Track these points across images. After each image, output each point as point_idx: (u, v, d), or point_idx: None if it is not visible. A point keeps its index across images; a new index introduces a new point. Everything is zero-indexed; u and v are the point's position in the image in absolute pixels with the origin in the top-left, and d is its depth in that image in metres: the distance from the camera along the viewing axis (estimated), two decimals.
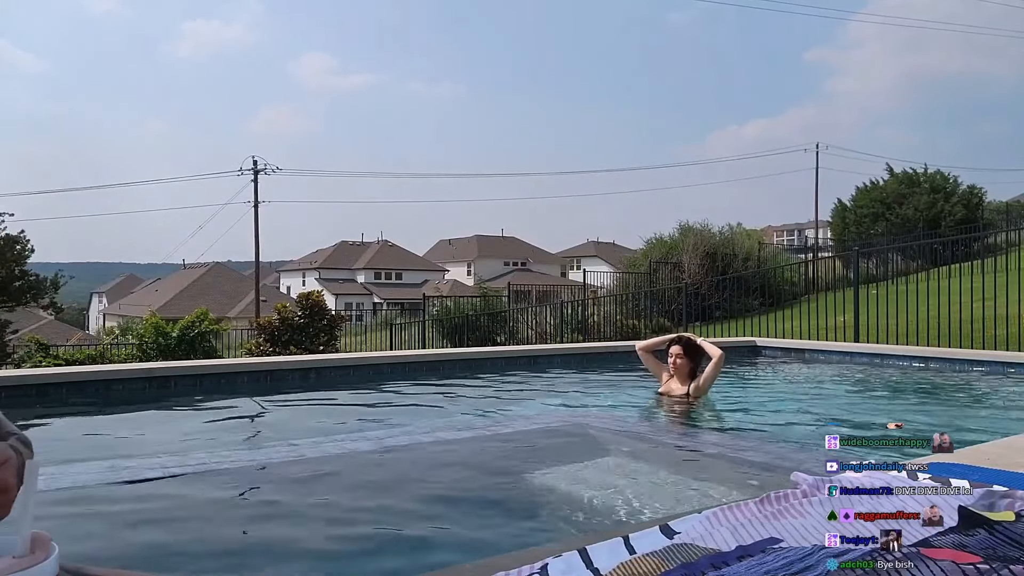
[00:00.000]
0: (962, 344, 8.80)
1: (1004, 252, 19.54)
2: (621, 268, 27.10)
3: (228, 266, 58.49)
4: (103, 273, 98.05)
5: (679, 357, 5.08)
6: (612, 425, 4.21)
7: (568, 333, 15.75)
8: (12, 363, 14.00)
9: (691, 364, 5.10)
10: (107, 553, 2.18)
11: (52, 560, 0.97)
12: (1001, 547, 1.48)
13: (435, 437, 3.96)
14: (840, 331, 10.61)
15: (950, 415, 5.40)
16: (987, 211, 30.95)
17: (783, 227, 63.25)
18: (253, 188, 31.12)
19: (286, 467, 3.29)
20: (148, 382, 5.88)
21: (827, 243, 36.17)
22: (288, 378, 6.64)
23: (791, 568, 1.42)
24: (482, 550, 1.90)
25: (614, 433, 4.02)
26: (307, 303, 13.78)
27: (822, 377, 7.84)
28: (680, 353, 5.08)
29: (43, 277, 18.73)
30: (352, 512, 2.74)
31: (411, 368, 7.34)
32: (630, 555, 1.57)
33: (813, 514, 1.79)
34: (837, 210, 32.67)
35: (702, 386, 5.08)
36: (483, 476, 3.27)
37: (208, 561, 2.22)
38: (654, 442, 3.75)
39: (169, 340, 13.04)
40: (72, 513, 2.59)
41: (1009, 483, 2.03)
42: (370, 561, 2.22)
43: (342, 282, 57.94)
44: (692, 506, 2.36)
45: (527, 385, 6.80)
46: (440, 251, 69.55)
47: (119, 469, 3.27)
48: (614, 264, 40.92)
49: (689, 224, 22.81)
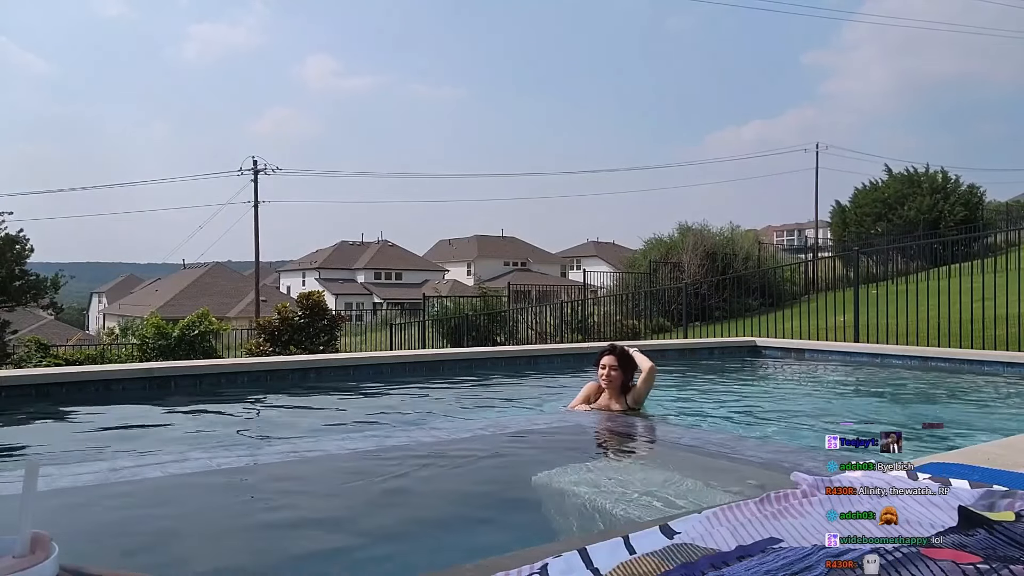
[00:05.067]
0: (962, 344, 8.80)
1: (1004, 252, 19.55)
2: (621, 268, 27.11)
3: (228, 266, 58.50)
4: (103, 273, 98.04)
5: (613, 369, 4.67)
6: (612, 425, 4.21)
7: (568, 333, 15.75)
8: (12, 363, 13.99)
9: (624, 376, 4.72)
10: (107, 553, 2.18)
11: (52, 560, 0.97)
12: (1001, 547, 1.48)
13: (435, 437, 3.96)
14: (840, 331, 10.61)
15: (950, 415, 5.40)
16: (987, 211, 30.95)
17: (783, 227, 63.24)
18: (253, 188, 31.16)
19: (286, 467, 3.29)
20: (148, 382, 5.88)
21: (827, 243, 36.16)
22: (288, 378, 6.64)
23: (791, 568, 1.42)
24: (482, 550, 1.90)
25: (614, 433, 4.02)
26: (307, 303, 13.78)
27: (822, 377, 7.84)
28: (614, 364, 4.68)
29: (43, 277, 18.71)
30: (352, 512, 2.73)
31: (411, 368, 7.34)
32: (630, 555, 1.57)
33: (813, 514, 1.79)
34: (837, 210, 32.67)
35: (640, 396, 4.73)
36: (483, 476, 3.27)
37: (208, 561, 2.22)
38: (654, 441, 3.75)
39: (170, 340, 13.05)
40: (72, 513, 2.59)
41: (1009, 483, 2.03)
42: (370, 561, 2.22)
43: (342, 282, 57.93)
44: (692, 506, 2.36)
45: (527, 385, 6.80)
46: (440, 251, 69.53)
47: (119, 469, 3.27)
48: (614, 264, 40.95)
49: (689, 224, 22.83)
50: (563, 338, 15.30)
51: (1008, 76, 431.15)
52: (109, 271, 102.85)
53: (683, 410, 5.48)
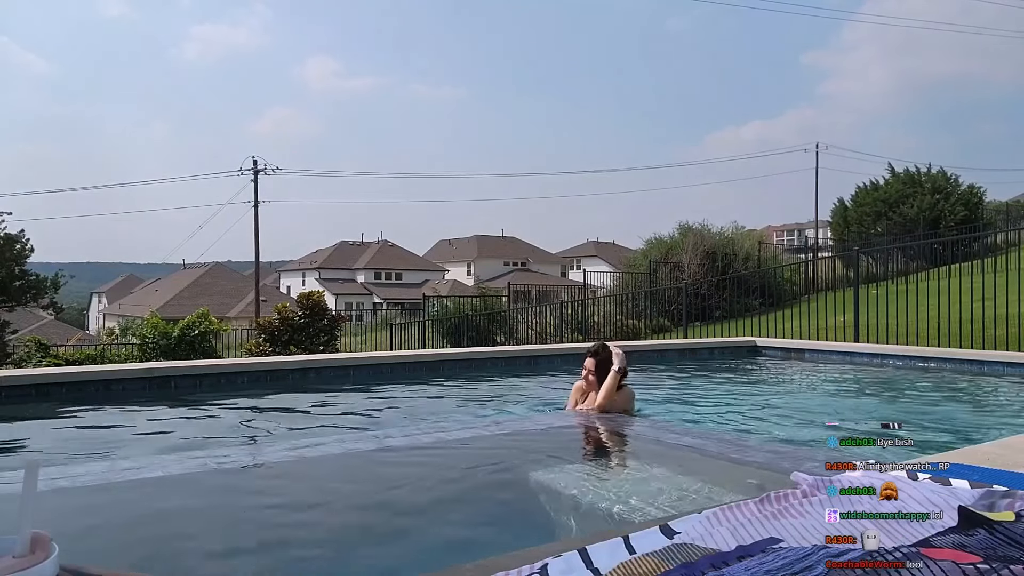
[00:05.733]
0: (962, 344, 8.80)
1: (1004, 252, 19.54)
2: (621, 268, 27.11)
3: (228, 266, 58.51)
4: (103, 273, 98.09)
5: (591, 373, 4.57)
6: (612, 425, 4.20)
7: (568, 333, 15.74)
8: (12, 363, 13.99)
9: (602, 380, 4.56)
10: (107, 553, 2.18)
11: (52, 560, 0.97)
12: (1001, 547, 1.48)
13: (435, 437, 3.96)
14: (840, 331, 10.61)
15: (950, 415, 5.40)
16: (987, 211, 30.95)
17: (783, 227, 63.21)
18: (253, 188, 31.15)
19: (286, 467, 3.29)
20: (148, 382, 5.88)
21: (827, 243, 36.15)
22: (288, 378, 6.64)
23: (791, 568, 1.42)
24: (482, 550, 1.90)
25: (614, 433, 4.02)
26: (307, 303, 13.78)
27: (822, 377, 7.84)
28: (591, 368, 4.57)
29: (43, 277, 18.70)
30: (352, 512, 2.73)
31: (411, 368, 7.34)
32: (630, 555, 1.57)
33: (813, 514, 1.78)
34: (837, 210, 32.66)
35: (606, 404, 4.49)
36: (483, 476, 3.27)
37: (208, 561, 2.22)
38: (654, 442, 3.75)
39: (170, 340, 13.05)
40: (72, 513, 2.59)
41: (1009, 483, 2.03)
42: (370, 561, 2.22)
43: (342, 282, 57.92)
44: (692, 506, 2.36)
45: (527, 385, 6.80)
46: (440, 251, 69.53)
47: (119, 469, 3.27)
48: (614, 264, 40.95)
49: (689, 224, 22.82)
50: (563, 338, 15.30)
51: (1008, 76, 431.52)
52: (109, 271, 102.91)
53: (683, 410, 5.47)
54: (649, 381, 6.91)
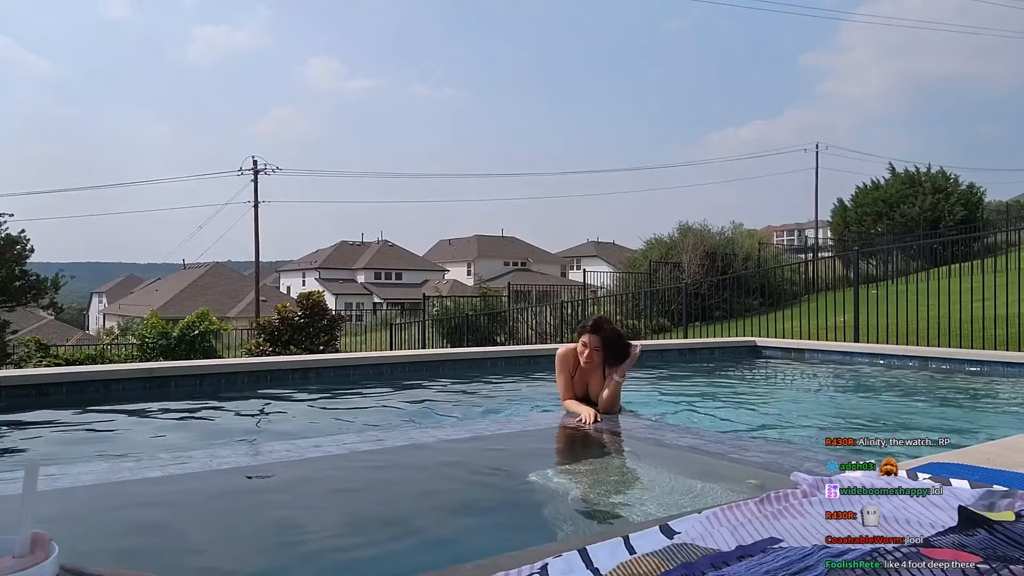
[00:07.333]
0: (962, 344, 8.80)
1: (1004, 252, 19.54)
2: (621, 268, 27.12)
3: (228, 266, 58.53)
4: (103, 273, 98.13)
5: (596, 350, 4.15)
6: (612, 425, 4.20)
7: (568, 333, 15.74)
8: (12, 363, 13.99)
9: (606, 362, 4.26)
10: (107, 553, 2.18)
11: (52, 560, 0.97)
12: (1001, 547, 1.48)
13: (435, 437, 3.96)
14: (840, 331, 10.61)
15: (950, 415, 5.40)
16: (987, 211, 30.95)
17: (783, 227, 63.24)
18: (253, 188, 31.17)
19: (286, 467, 3.28)
20: (148, 382, 5.88)
21: (827, 243, 36.14)
22: (288, 378, 6.63)
23: (791, 568, 1.42)
24: (482, 550, 1.89)
25: (614, 433, 4.01)
26: (307, 303, 13.79)
27: (822, 377, 7.84)
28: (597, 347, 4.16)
29: (43, 277, 18.73)
30: (352, 512, 2.74)
31: (411, 368, 7.34)
32: (630, 555, 1.57)
33: (813, 514, 1.78)
34: (837, 210, 32.66)
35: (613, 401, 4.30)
36: (483, 476, 3.27)
37: (208, 561, 2.22)
38: (654, 442, 3.75)
39: (170, 340, 13.06)
40: (72, 513, 2.59)
41: (1009, 483, 2.03)
42: (370, 561, 2.22)
43: (342, 282, 57.93)
44: (692, 506, 2.36)
45: (527, 385, 6.80)
46: (440, 251, 69.55)
47: (119, 469, 3.27)
48: (614, 264, 40.97)
49: (689, 224, 22.84)
50: (563, 338, 15.30)
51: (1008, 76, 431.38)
52: (109, 271, 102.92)
53: (683, 410, 5.47)
54: (649, 381, 6.91)
